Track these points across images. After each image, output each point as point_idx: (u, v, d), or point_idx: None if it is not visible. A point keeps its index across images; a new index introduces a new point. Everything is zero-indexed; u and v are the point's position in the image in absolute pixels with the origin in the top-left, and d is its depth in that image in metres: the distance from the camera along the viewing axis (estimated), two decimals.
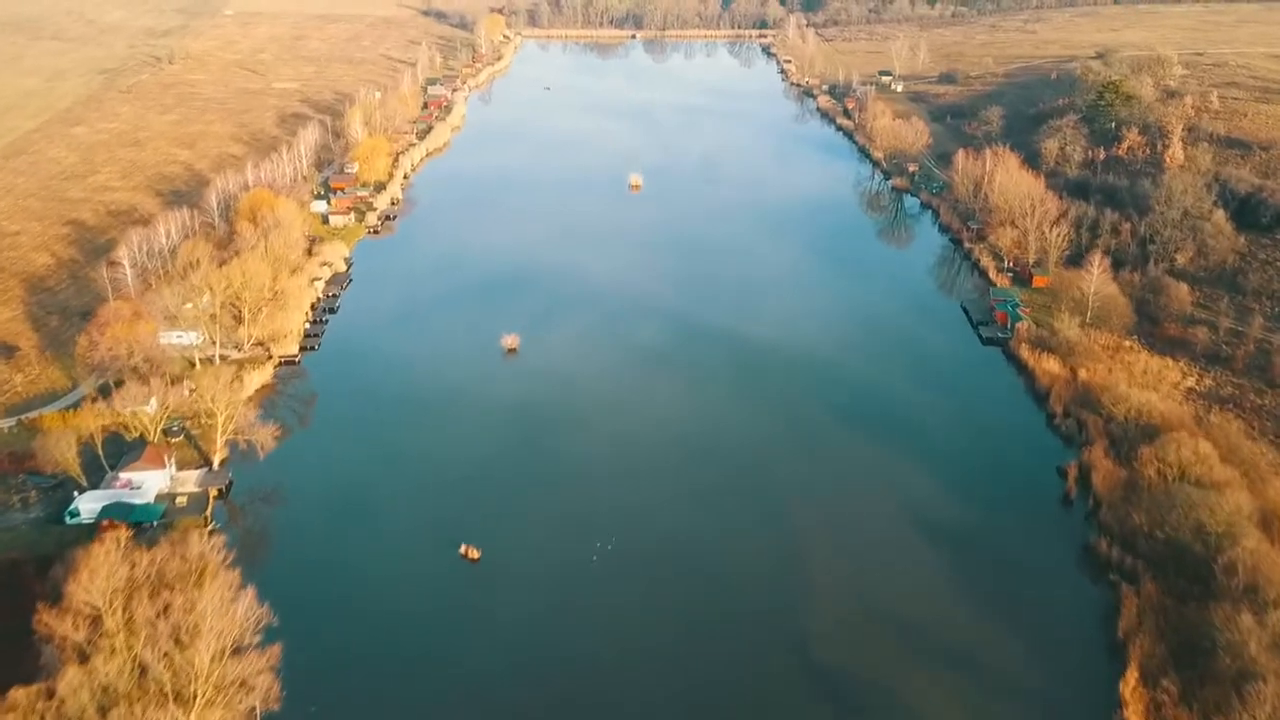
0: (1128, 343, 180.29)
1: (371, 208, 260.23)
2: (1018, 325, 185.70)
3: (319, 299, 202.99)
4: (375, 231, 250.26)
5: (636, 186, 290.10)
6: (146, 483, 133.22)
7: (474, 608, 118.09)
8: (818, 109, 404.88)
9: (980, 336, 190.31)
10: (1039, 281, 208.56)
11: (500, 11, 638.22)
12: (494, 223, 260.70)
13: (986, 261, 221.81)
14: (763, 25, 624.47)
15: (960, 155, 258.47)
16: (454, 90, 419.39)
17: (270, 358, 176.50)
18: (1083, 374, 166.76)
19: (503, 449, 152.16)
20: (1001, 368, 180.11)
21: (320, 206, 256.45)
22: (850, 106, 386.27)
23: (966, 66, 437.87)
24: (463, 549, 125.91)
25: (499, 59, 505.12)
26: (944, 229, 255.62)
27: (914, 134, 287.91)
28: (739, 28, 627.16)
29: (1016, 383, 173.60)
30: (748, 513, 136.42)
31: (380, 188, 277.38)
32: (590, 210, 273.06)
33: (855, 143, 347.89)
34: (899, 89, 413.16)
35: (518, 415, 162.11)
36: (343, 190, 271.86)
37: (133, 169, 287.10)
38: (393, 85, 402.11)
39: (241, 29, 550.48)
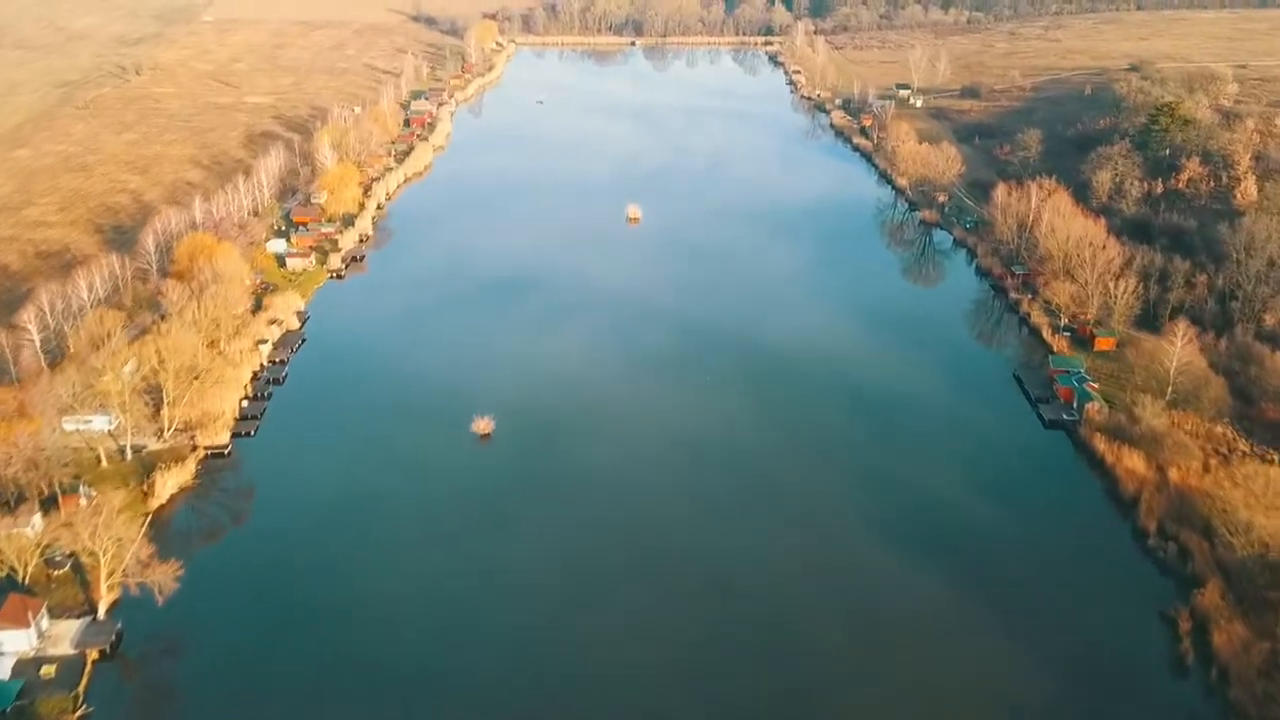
0: (1220, 428, 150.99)
1: (336, 247, 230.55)
2: (1087, 406, 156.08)
3: (263, 366, 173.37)
4: (339, 276, 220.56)
5: (635, 220, 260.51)
6: (2, 647, 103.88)
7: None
8: (831, 126, 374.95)
9: (1041, 418, 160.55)
10: (1102, 344, 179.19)
11: (494, 17, 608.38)
12: (472, 264, 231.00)
13: (1038, 317, 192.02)
14: (768, 32, 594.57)
15: (1001, 190, 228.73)
16: (440, 105, 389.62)
17: (195, 449, 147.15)
18: (1174, 474, 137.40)
19: (474, 568, 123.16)
20: (1070, 462, 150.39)
21: (278, 246, 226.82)
22: (867, 124, 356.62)
23: (990, 79, 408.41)
24: None
25: (490, 69, 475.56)
26: (982, 272, 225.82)
27: (945, 161, 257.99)
28: (743, 34, 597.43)
29: (1092, 483, 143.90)
30: None
31: (349, 222, 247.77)
32: (581, 247, 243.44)
33: (874, 166, 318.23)
34: (918, 104, 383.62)
35: (488, 520, 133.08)
36: (306, 226, 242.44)
37: (74, 199, 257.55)
38: (375, 99, 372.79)
39: (219, 36, 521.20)
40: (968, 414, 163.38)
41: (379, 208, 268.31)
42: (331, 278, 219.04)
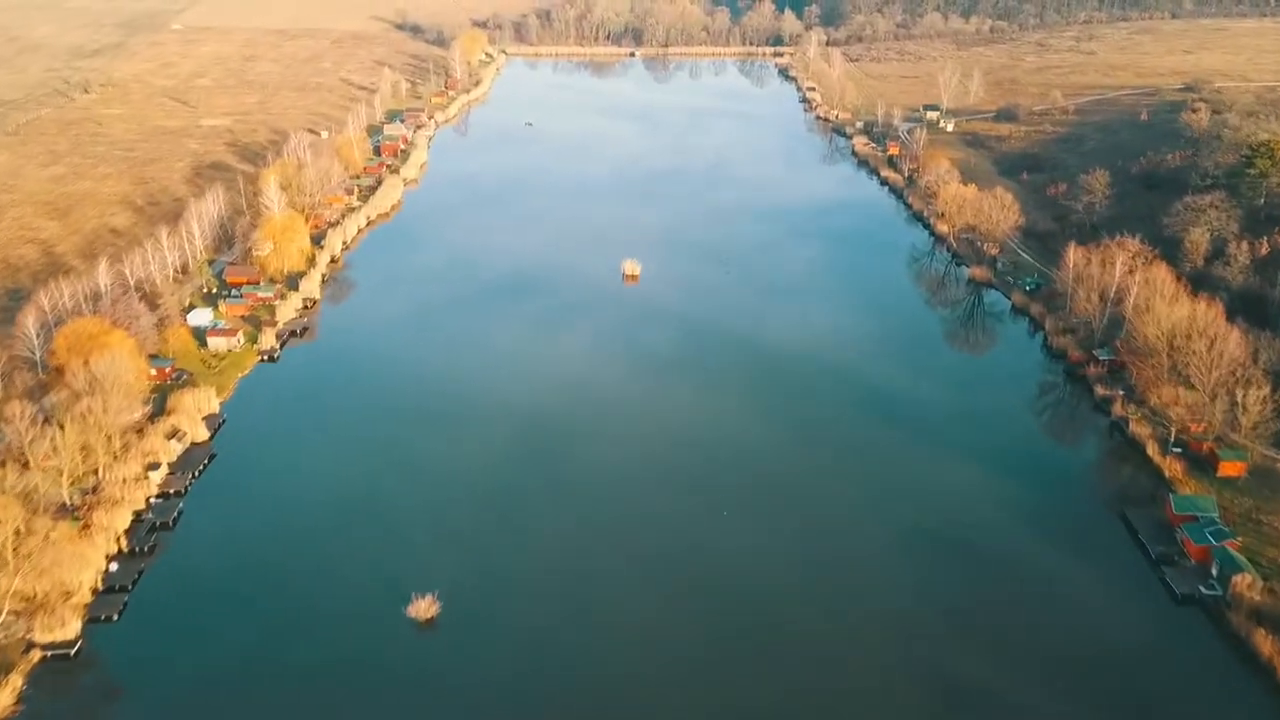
0: None
1: (272, 319, 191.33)
2: (1233, 577, 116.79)
3: (148, 504, 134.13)
4: (272, 358, 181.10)
5: (633, 278, 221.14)
6: None
7: None
8: (853, 154, 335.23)
9: (1169, 587, 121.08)
10: (1228, 469, 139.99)
11: (484, 25, 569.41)
12: (435, 337, 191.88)
13: (1139, 427, 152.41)
14: (777, 42, 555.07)
15: (1074, 253, 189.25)
16: (417, 128, 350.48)
17: (29, 648, 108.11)
18: None
19: None
20: (1218, 658, 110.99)
21: (201, 318, 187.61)
22: (894, 152, 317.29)
23: (1026, 99, 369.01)
24: None
25: (477, 84, 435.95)
26: (1053, 352, 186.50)
27: (1000, 210, 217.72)
28: (751, 44, 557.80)
29: (1259, 698, 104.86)
30: None
31: (294, 283, 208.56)
32: (570, 313, 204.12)
33: (906, 203, 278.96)
34: (949, 128, 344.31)
35: None
36: (240, 289, 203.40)
37: None
38: (347, 120, 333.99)
39: (185, 47, 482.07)
40: (1063, 572, 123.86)
41: (333, 260, 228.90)
42: (263, 360, 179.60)
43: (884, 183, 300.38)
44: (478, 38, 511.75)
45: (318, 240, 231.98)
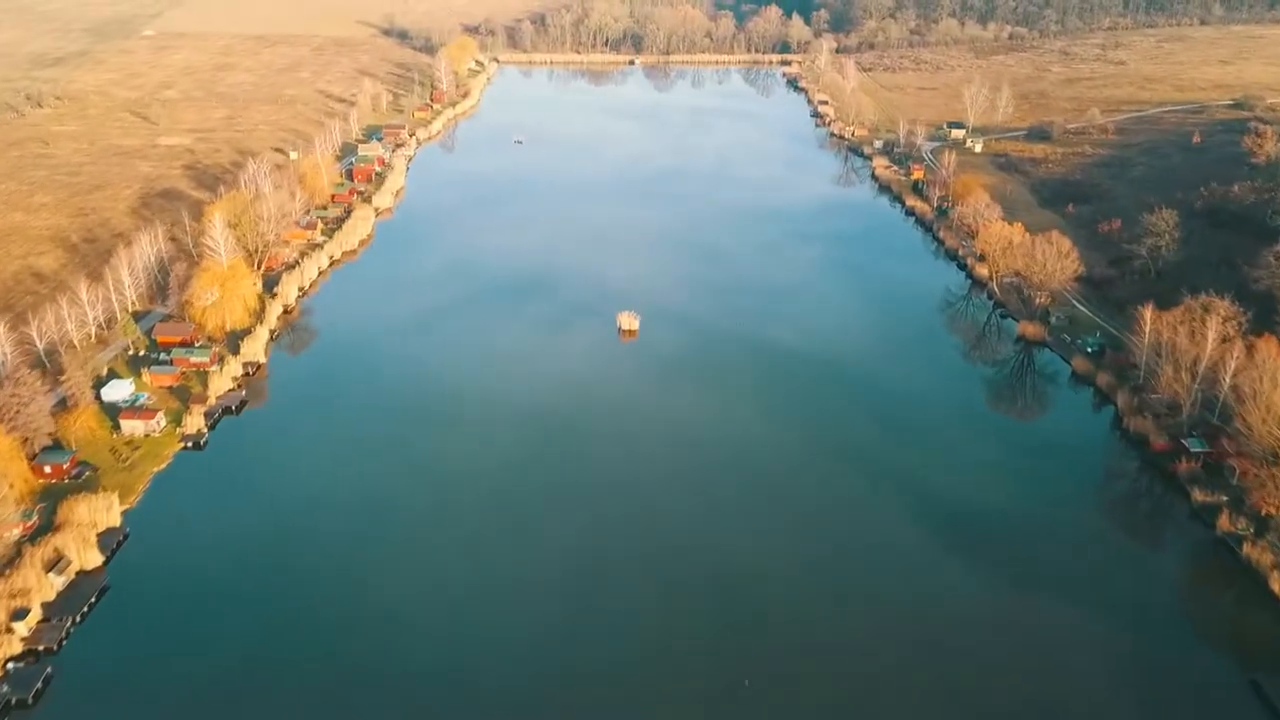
0: None
1: (204, 393, 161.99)
2: None
3: (5, 670, 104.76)
4: (198, 445, 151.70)
5: (631, 333, 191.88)
6: None
7: None
8: (873, 177, 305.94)
9: None
10: None
11: (476, 31, 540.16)
12: (397, 412, 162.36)
13: (1256, 553, 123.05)
14: (784, 49, 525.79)
15: (1150, 317, 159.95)
16: (396, 146, 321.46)
17: None
18: None
19: None
20: None
21: (118, 392, 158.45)
22: (918, 177, 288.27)
23: (1058, 115, 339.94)
24: None
25: (464, 96, 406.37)
26: (1128, 435, 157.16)
27: (1055, 258, 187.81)
28: (756, 51, 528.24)
29: None
30: None
31: (235, 344, 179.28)
32: (557, 377, 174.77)
33: (936, 237, 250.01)
34: (977, 148, 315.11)
35: None
36: (171, 351, 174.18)
37: None
38: (322, 136, 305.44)
39: (155, 55, 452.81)
40: None
41: (287, 310, 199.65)
42: (186, 448, 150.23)
43: (909, 212, 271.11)
44: (467, 45, 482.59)
45: (272, 285, 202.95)
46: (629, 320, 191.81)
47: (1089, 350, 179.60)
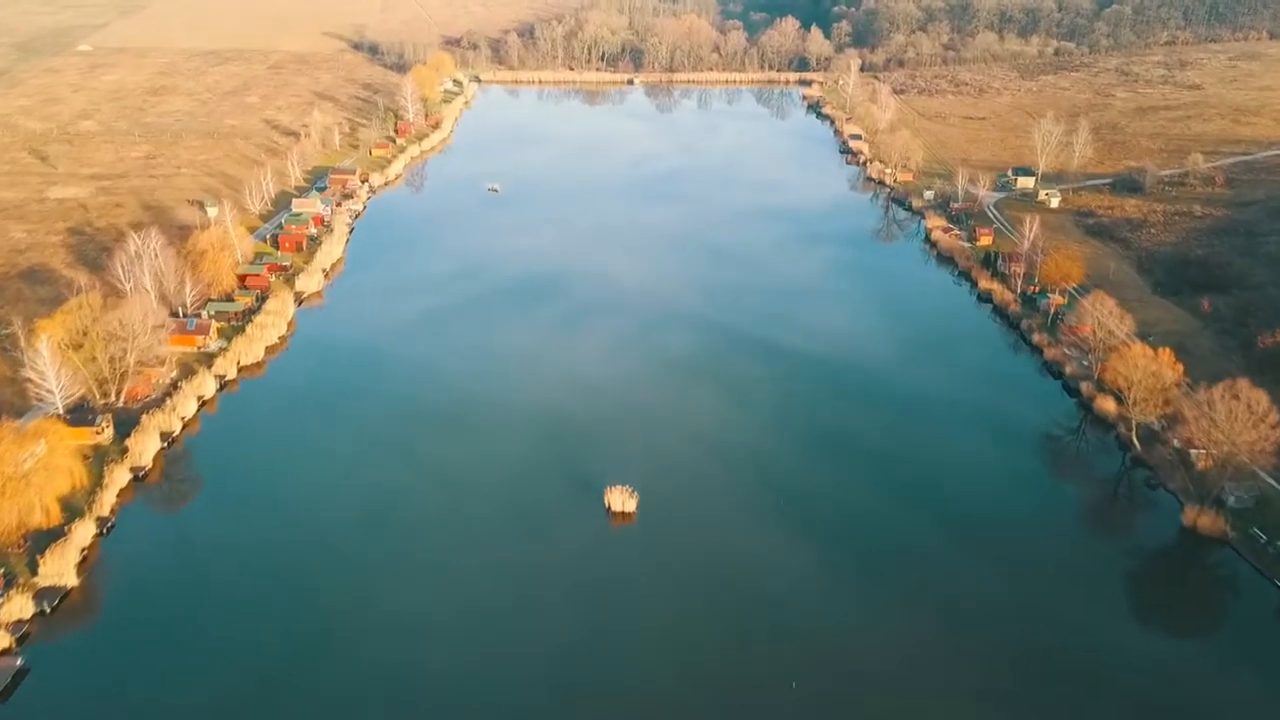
0: None
1: None
2: None
3: None
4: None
5: (626, 516, 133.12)
6: None
7: None
8: (926, 240, 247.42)
9: None
10: None
11: (458, 44, 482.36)
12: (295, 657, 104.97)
13: None
14: (803, 65, 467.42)
15: None
16: (343, 198, 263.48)
17: None
18: None
19: None
20: None
21: None
22: (986, 244, 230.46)
23: (1143, 157, 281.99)
24: None
25: (435, 127, 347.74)
26: None
27: (1248, 422, 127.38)
28: (771, 68, 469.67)
29: None
30: None
31: (33, 559, 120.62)
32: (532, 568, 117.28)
33: (1025, 337, 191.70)
34: (1054, 203, 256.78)
35: None
36: None
37: None
38: (256, 180, 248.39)
39: (84, 76, 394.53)
40: None
41: (138, 478, 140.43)
42: None
43: (982, 296, 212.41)
44: (443, 64, 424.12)
45: (127, 426, 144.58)
46: (621, 498, 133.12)
47: None
